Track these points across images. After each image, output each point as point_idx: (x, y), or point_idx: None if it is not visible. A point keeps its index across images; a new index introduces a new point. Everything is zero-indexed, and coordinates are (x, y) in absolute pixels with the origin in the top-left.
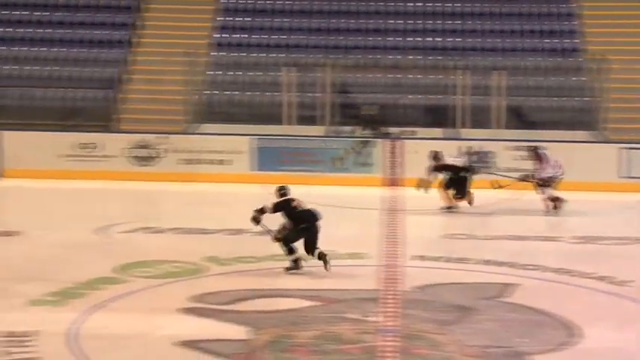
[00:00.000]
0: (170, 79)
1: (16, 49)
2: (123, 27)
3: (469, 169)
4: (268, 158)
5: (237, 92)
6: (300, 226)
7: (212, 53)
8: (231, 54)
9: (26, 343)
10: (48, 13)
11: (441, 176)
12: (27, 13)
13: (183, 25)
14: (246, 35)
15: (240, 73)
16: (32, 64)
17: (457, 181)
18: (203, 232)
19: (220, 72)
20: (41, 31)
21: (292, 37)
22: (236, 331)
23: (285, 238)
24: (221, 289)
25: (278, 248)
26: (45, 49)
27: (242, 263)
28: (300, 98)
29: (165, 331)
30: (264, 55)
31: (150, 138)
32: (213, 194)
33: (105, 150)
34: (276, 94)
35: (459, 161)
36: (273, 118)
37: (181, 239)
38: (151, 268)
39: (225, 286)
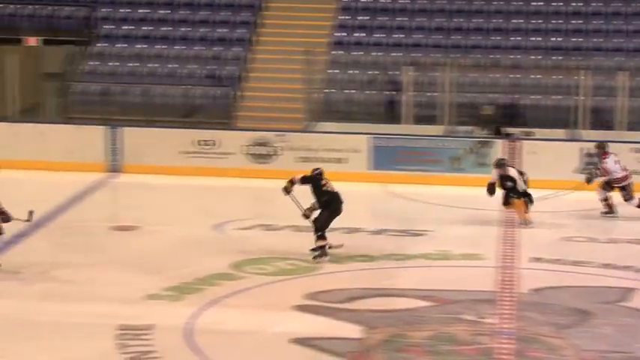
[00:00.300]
0: (289, 78)
1: (138, 46)
2: (243, 25)
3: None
4: (385, 157)
5: (355, 91)
6: (324, 203)
7: (332, 52)
8: (351, 53)
9: (142, 337)
10: (169, 12)
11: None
12: (149, 11)
13: (303, 24)
14: (366, 34)
15: (359, 72)
16: (153, 61)
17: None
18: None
19: (339, 71)
20: (163, 29)
21: (412, 36)
22: (350, 330)
23: (320, 226)
24: (335, 287)
25: (394, 248)
26: (166, 46)
27: (357, 262)
28: (418, 97)
29: (279, 328)
30: (384, 54)
31: (268, 135)
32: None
33: (223, 147)
34: (394, 93)
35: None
36: (391, 117)
37: (297, 237)
38: (267, 265)
39: (339, 285)
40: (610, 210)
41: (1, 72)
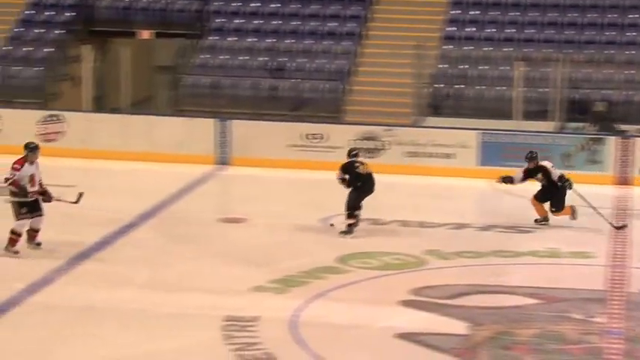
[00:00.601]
0: (398, 72)
1: (249, 40)
2: (354, 19)
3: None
4: (493, 153)
5: (464, 86)
6: (357, 185)
7: (442, 47)
8: (462, 47)
9: (248, 329)
10: (280, 5)
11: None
12: (260, 4)
13: (414, 18)
14: (477, 29)
15: (469, 67)
16: (263, 55)
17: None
18: (425, 225)
19: (448, 65)
20: (274, 22)
21: (524, 31)
22: (455, 326)
23: (351, 205)
24: (441, 283)
25: (501, 245)
26: (275, 40)
27: (463, 258)
28: (529, 93)
29: (384, 322)
30: (494, 49)
31: (376, 130)
32: (437, 187)
33: (331, 141)
34: (504, 88)
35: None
36: (501, 113)
37: (403, 231)
38: (373, 259)
39: (445, 281)
40: None
41: (114, 64)
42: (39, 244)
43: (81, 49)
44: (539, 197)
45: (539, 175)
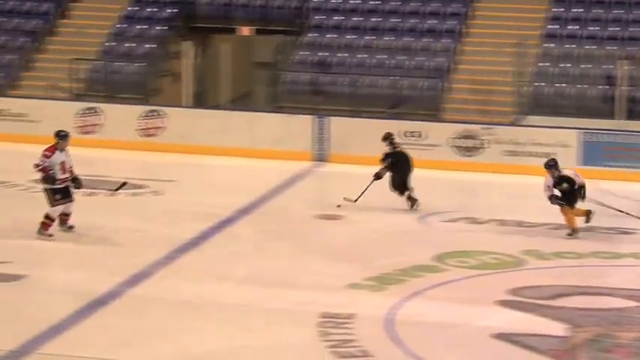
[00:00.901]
0: (498, 70)
1: (348, 37)
2: (454, 17)
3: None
4: (594, 153)
5: (566, 85)
6: (394, 165)
7: (543, 45)
8: (563, 45)
9: (344, 326)
10: (380, 3)
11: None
12: (360, 2)
13: (515, 16)
14: (579, 27)
15: (571, 65)
16: (362, 52)
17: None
18: (524, 224)
19: (550, 64)
20: (373, 20)
21: (628, 29)
22: (554, 327)
23: (399, 188)
24: (540, 283)
25: (602, 246)
26: (375, 37)
27: (562, 258)
28: (633, 92)
29: (481, 322)
30: (597, 47)
31: (475, 128)
32: (536, 187)
33: (429, 139)
34: (607, 87)
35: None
36: (603, 112)
37: (501, 231)
38: (470, 258)
39: (544, 281)
40: None
41: (214, 61)
42: (71, 228)
43: (182, 46)
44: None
45: (565, 185)
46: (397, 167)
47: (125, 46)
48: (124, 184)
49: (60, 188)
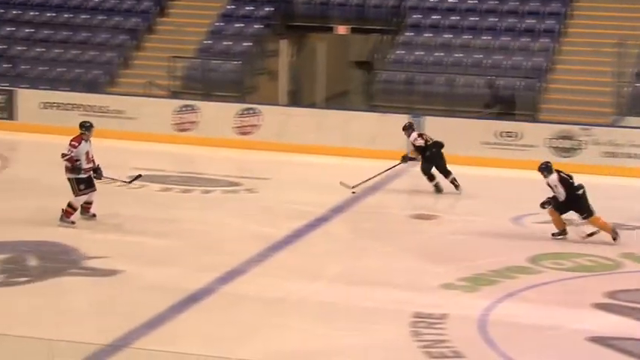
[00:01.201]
0: (597, 70)
1: (445, 36)
2: (553, 16)
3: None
4: None
5: None
6: (425, 154)
7: None
8: None
9: (436, 326)
10: (478, 2)
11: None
12: (457, 1)
13: (615, 16)
14: None
15: None
16: (459, 51)
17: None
18: (622, 227)
19: None
20: (471, 19)
21: None
22: None
23: (422, 170)
24: (637, 287)
25: None
26: (472, 37)
27: None
28: None
29: (575, 325)
30: None
31: (573, 129)
32: (635, 189)
33: (525, 139)
34: None
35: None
36: None
37: (598, 234)
38: (565, 260)
39: None
40: None
41: (310, 59)
42: (94, 216)
43: (278, 44)
44: (560, 208)
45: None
46: (429, 158)
47: (222, 44)
48: (139, 176)
49: (84, 178)
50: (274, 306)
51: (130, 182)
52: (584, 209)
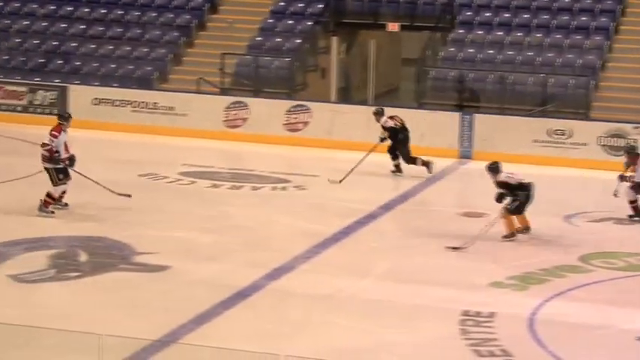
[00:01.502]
0: None
1: (496, 33)
2: (606, 14)
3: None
4: None
5: None
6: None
7: None
8: None
9: (485, 324)
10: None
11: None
12: None
13: None
14: None
15: None
16: (510, 49)
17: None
18: None
19: None
20: (524, 16)
21: None
22: None
23: (406, 157)
24: None
25: None
26: (524, 34)
27: None
28: None
29: (626, 325)
30: None
31: (625, 127)
32: None
33: (577, 137)
34: None
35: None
36: None
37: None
38: (617, 259)
39: None
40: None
41: (361, 56)
42: (66, 205)
43: (329, 41)
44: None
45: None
46: (401, 141)
47: (273, 41)
48: (128, 196)
49: (62, 168)
50: (322, 303)
51: (117, 193)
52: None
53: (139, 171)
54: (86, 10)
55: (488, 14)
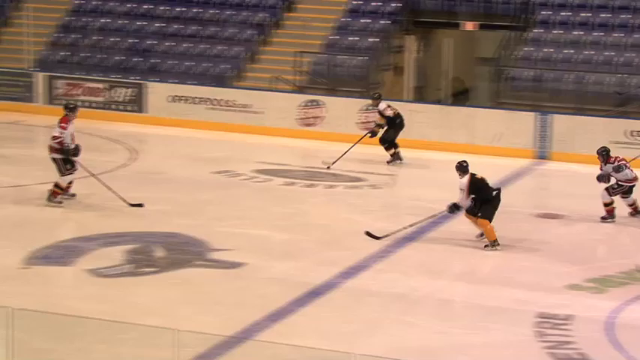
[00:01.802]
0: None
1: (575, 33)
2: None
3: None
4: None
5: None
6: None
7: None
8: None
9: (562, 327)
10: None
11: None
12: None
13: None
14: None
15: None
16: (589, 48)
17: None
18: None
19: None
20: (603, 15)
21: None
22: None
23: (389, 140)
24: None
25: None
26: (603, 34)
27: None
28: None
29: None
30: None
31: None
32: None
33: None
34: None
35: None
36: None
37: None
38: None
39: None
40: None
41: (436, 55)
42: (73, 195)
43: (405, 40)
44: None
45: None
46: (394, 127)
47: (349, 40)
48: (141, 205)
49: (69, 159)
50: (396, 302)
51: (130, 204)
52: (484, 210)
53: (214, 168)
54: (164, 8)
55: (566, 13)
